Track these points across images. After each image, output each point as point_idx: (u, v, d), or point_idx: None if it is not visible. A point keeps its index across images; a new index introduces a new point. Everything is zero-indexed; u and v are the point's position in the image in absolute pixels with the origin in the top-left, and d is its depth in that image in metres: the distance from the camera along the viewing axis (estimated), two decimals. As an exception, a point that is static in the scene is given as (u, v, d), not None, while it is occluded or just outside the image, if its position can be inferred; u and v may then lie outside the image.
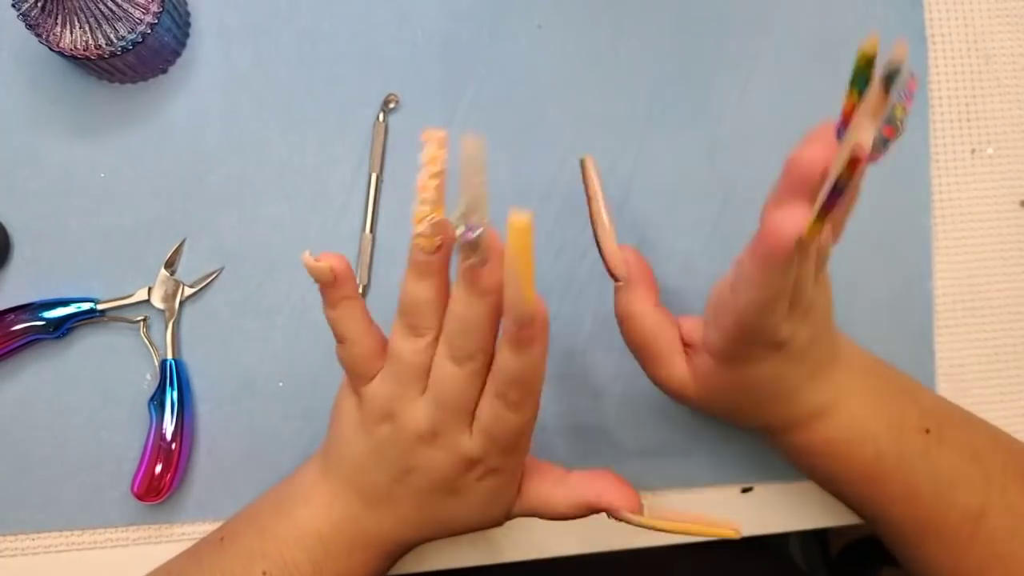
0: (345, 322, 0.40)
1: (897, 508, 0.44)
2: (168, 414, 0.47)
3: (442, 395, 0.38)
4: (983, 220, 0.54)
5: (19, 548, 0.48)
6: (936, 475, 0.42)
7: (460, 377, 0.38)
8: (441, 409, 0.39)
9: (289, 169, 0.50)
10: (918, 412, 0.44)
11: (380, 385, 0.40)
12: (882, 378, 0.45)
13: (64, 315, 0.47)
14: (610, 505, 0.41)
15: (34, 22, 0.44)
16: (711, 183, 0.53)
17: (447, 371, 0.38)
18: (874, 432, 0.43)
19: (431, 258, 0.37)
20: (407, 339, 0.39)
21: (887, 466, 0.43)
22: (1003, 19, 0.55)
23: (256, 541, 0.42)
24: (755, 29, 0.53)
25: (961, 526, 0.42)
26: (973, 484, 0.42)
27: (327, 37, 0.51)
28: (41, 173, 0.49)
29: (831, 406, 0.43)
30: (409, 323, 0.39)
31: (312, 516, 0.42)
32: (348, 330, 0.40)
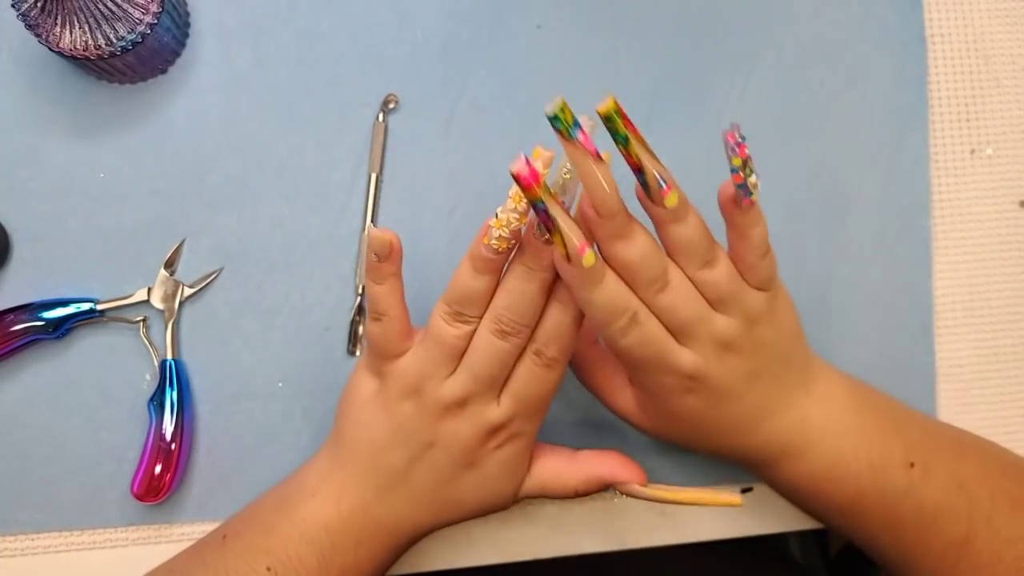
0: (388, 298, 0.42)
1: (882, 537, 0.44)
2: (168, 414, 0.47)
3: (480, 367, 0.41)
4: (982, 220, 0.54)
5: (19, 548, 0.48)
6: (920, 508, 0.43)
7: (504, 351, 0.41)
8: (476, 381, 0.41)
9: (289, 169, 0.50)
10: (903, 445, 0.44)
11: (412, 362, 0.42)
12: (864, 411, 0.45)
13: (64, 315, 0.47)
14: (620, 479, 0.44)
15: (34, 22, 0.44)
16: (711, 183, 0.52)
17: (491, 345, 0.41)
18: (855, 471, 0.43)
19: (497, 257, 0.39)
20: (451, 324, 0.41)
21: (869, 502, 0.43)
22: (1002, 19, 0.55)
23: (260, 537, 0.42)
24: (755, 29, 0.53)
25: (946, 553, 0.43)
26: (958, 514, 0.43)
27: (327, 37, 0.51)
28: (41, 173, 0.49)
29: (807, 444, 0.43)
30: (457, 310, 0.41)
31: (319, 510, 0.42)
32: (390, 306, 0.42)
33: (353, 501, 0.43)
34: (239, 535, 0.43)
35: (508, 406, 0.42)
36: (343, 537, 0.42)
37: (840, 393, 0.45)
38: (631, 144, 0.37)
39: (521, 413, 0.42)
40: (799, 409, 0.43)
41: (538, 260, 0.39)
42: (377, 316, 0.42)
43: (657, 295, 0.39)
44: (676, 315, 0.40)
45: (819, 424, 0.43)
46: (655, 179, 0.38)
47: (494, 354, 0.41)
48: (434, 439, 0.42)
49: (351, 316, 0.50)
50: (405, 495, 0.43)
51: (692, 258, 0.40)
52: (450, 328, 0.41)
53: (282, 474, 0.48)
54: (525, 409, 0.42)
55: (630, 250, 0.38)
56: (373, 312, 0.42)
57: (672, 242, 0.40)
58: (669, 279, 0.39)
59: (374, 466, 0.43)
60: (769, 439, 0.43)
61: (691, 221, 0.39)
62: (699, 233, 0.39)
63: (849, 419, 0.44)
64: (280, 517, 0.43)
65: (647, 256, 0.39)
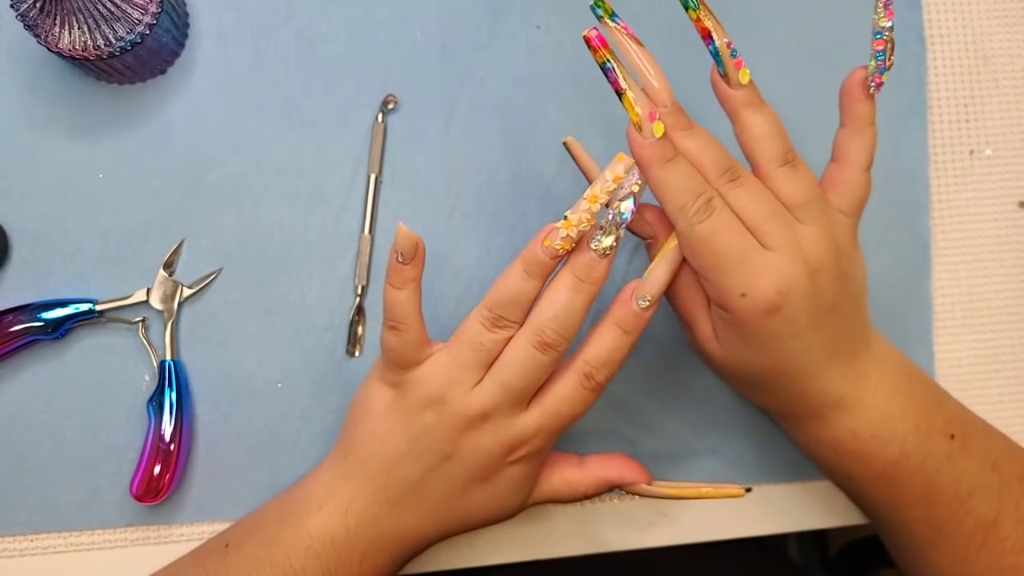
0: (407, 306, 0.40)
1: (914, 511, 0.43)
2: (167, 415, 0.47)
3: (513, 378, 0.40)
4: (982, 221, 0.54)
5: (17, 549, 0.48)
6: (957, 481, 0.42)
7: (541, 364, 0.40)
8: (505, 392, 0.40)
9: (288, 170, 0.50)
10: (945, 417, 0.43)
11: (437, 369, 0.41)
12: (913, 379, 0.44)
13: (62, 316, 0.47)
14: (628, 480, 0.45)
15: (33, 22, 0.44)
16: (710, 184, 0.53)
17: (529, 356, 0.40)
18: (902, 432, 0.42)
19: (552, 261, 0.39)
20: (489, 329, 0.40)
21: (910, 467, 0.42)
22: (1002, 20, 0.55)
23: (264, 550, 0.42)
24: (755, 29, 0.53)
25: (974, 534, 0.42)
26: (990, 493, 0.42)
27: (326, 38, 0.51)
28: (40, 174, 0.49)
29: (859, 400, 0.42)
30: (497, 315, 0.40)
31: (325, 524, 0.42)
32: (408, 314, 0.40)
33: (361, 514, 0.42)
34: (241, 545, 0.43)
35: (537, 421, 0.41)
36: (349, 551, 0.42)
37: (893, 355, 0.44)
38: (700, 9, 0.36)
39: (547, 430, 0.41)
40: (860, 362, 0.42)
41: (590, 273, 0.39)
42: (393, 325, 0.40)
43: (730, 185, 0.37)
44: (753, 210, 0.38)
45: (874, 381, 0.42)
46: (726, 48, 0.36)
47: (530, 366, 0.40)
48: (453, 451, 0.41)
49: (350, 316, 0.50)
50: (414, 507, 0.42)
51: (770, 151, 0.38)
52: (489, 333, 0.40)
53: (281, 475, 0.49)
54: (553, 427, 0.41)
55: (693, 141, 0.37)
56: (390, 320, 0.41)
57: (748, 132, 0.38)
58: (740, 172, 0.38)
59: (386, 478, 0.42)
60: (828, 387, 0.42)
61: (767, 111, 0.38)
62: (776, 125, 0.38)
63: (900, 380, 0.43)
64: (284, 530, 0.42)
65: (711, 147, 0.37)
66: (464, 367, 0.40)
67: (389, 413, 0.42)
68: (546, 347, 0.39)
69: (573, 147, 0.47)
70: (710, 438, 0.52)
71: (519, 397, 0.40)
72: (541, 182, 0.52)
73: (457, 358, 0.40)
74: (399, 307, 0.40)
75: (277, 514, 0.44)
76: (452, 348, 0.41)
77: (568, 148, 0.47)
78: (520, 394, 0.40)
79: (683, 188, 0.37)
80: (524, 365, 0.40)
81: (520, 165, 0.51)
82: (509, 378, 0.40)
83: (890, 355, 0.44)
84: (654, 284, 0.41)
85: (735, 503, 0.52)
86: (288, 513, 0.43)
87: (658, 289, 0.41)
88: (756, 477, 0.52)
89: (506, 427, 0.40)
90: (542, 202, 0.51)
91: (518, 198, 0.51)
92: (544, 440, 0.42)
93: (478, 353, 0.40)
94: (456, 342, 0.41)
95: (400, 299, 0.40)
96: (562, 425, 0.42)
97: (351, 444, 0.43)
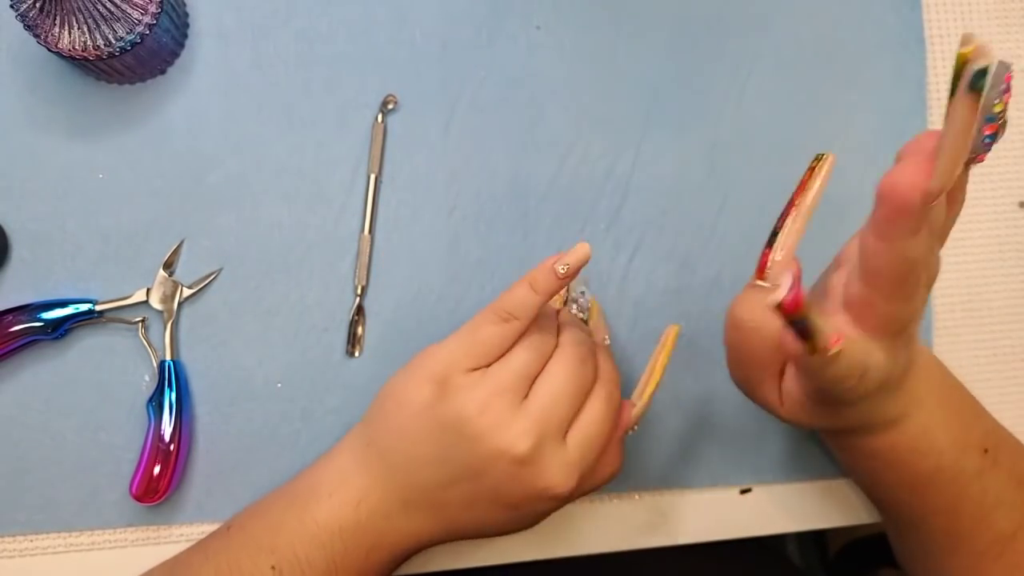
0: (534, 307, 0.40)
1: (936, 520, 0.43)
2: (166, 415, 0.47)
3: (589, 438, 0.41)
4: (982, 222, 0.54)
5: (17, 550, 0.48)
6: (983, 494, 0.42)
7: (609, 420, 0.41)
8: (582, 451, 0.40)
9: (288, 170, 0.50)
10: (981, 431, 0.43)
11: (489, 383, 0.40)
12: (954, 390, 0.44)
13: (62, 316, 0.47)
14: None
15: (32, 23, 0.44)
16: (711, 183, 0.53)
17: (596, 411, 0.41)
18: (940, 446, 0.42)
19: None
20: (536, 360, 0.41)
21: (943, 479, 0.42)
22: (1001, 20, 0.55)
23: (266, 534, 0.41)
24: (754, 29, 0.53)
25: (991, 546, 0.42)
26: (1013, 508, 0.42)
27: (326, 38, 0.51)
28: (39, 174, 0.49)
29: (906, 413, 0.41)
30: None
31: (335, 512, 0.41)
32: (529, 314, 0.40)
33: (375, 507, 0.41)
34: (244, 528, 0.42)
35: (576, 486, 0.40)
36: (356, 542, 0.41)
37: (936, 365, 0.43)
38: None
39: (583, 487, 0.41)
40: (909, 379, 0.41)
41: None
42: (508, 317, 0.40)
43: (914, 294, 0.35)
44: (899, 321, 0.36)
45: (920, 395, 0.41)
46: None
47: (602, 424, 0.41)
48: (485, 470, 0.39)
49: (350, 317, 0.50)
50: (430, 512, 0.41)
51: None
52: (536, 365, 0.41)
53: (281, 475, 0.48)
54: (586, 487, 0.42)
55: (919, 247, 0.33)
56: (504, 312, 0.40)
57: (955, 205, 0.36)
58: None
59: (407, 479, 0.41)
60: (878, 415, 0.41)
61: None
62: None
63: (944, 393, 0.43)
64: (289, 515, 0.41)
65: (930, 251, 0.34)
66: (513, 392, 0.40)
67: (424, 413, 0.40)
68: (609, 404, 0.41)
69: (825, 165, 0.41)
70: (710, 438, 0.52)
71: (558, 428, 0.40)
72: (541, 182, 0.52)
73: (505, 383, 0.40)
74: (526, 306, 0.40)
75: (285, 499, 0.43)
76: (499, 375, 0.40)
77: (820, 162, 0.41)
78: (559, 425, 0.40)
79: (848, 369, 0.35)
80: (597, 420, 0.41)
81: (520, 165, 0.51)
82: (587, 437, 0.41)
83: (934, 365, 0.43)
84: (638, 414, 0.44)
85: (734, 504, 0.52)
86: (297, 497, 0.42)
87: (643, 414, 0.44)
88: (755, 477, 0.52)
89: (549, 487, 0.40)
90: (541, 203, 0.51)
91: (518, 198, 0.51)
92: (578, 494, 0.41)
93: (525, 382, 0.40)
94: (508, 366, 0.40)
95: (532, 301, 0.40)
96: (599, 450, 0.41)
97: (375, 434, 0.42)
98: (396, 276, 0.50)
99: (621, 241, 0.52)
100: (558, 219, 0.51)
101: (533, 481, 0.39)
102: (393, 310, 0.50)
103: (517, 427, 0.39)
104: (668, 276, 0.52)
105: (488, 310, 0.41)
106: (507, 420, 0.39)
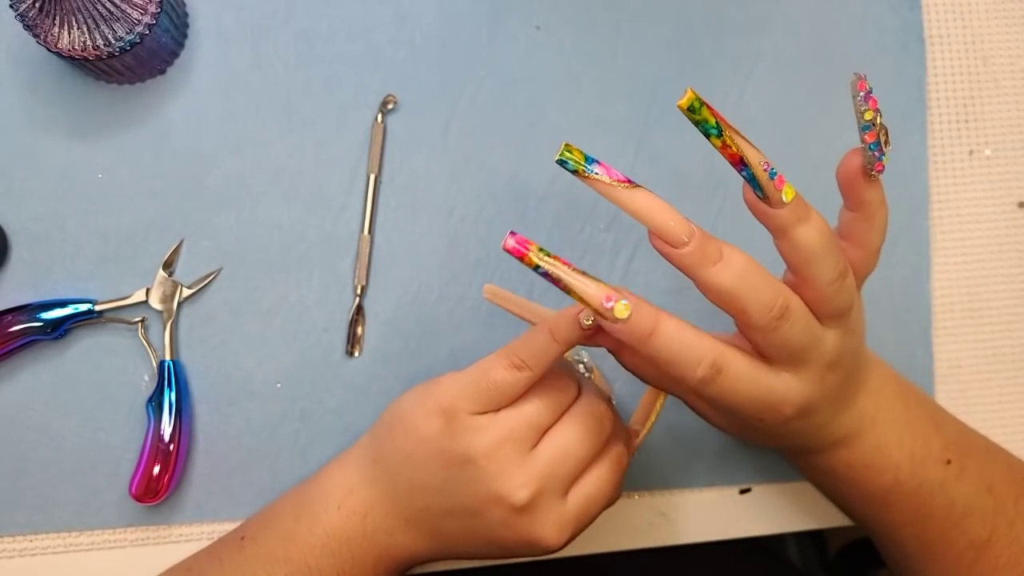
0: (550, 357, 0.38)
1: (906, 530, 0.44)
2: (166, 415, 0.47)
3: (591, 498, 0.41)
4: (981, 222, 0.54)
5: (16, 550, 0.48)
6: (950, 504, 0.42)
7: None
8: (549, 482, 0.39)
9: (287, 170, 0.50)
10: (942, 442, 0.43)
11: (496, 428, 0.39)
12: (910, 404, 0.44)
13: (62, 316, 0.47)
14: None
15: (32, 23, 0.44)
16: (711, 183, 0.53)
17: (602, 476, 0.41)
18: (896, 461, 0.42)
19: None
20: (553, 412, 0.40)
21: (904, 492, 0.42)
22: (1001, 20, 0.55)
23: (279, 545, 0.42)
24: (754, 29, 0.53)
25: (966, 552, 0.42)
26: (984, 515, 0.42)
27: (325, 38, 0.51)
28: (39, 174, 0.49)
29: (859, 433, 0.41)
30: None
31: (343, 523, 0.41)
32: (544, 364, 0.38)
33: (379, 523, 0.42)
34: (257, 539, 0.43)
35: (566, 538, 0.40)
36: (364, 553, 0.41)
37: (889, 384, 0.43)
38: (726, 133, 0.31)
39: (571, 539, 0.41)
40: (858, 400, 0.41)
41: None
42: (520, 365, 0.38)
43: (775, 326, 0.33)
44: (789, 346, 0.34)
45: (871, 414, 0.41)
46: (763, 169, 0.32)
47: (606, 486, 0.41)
48: (482, 512, 0.39)
49: (350, 317, 0.50)
50: (429, 535, 0.42)
51: (823, 267, 0.33)
52: (550, 415, 0.40)
53: (281, 475, 0.48)
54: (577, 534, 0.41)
55: (726, 274, 0.33)
56: (517, 359, 0.38)
57: (800, 252, 0.33)
58: (788, 302, 0.33)
59: (409, 501, 0.41)
60: (832, 431, 0.41)
61: (815, 220, 0.33)
62: (828, 235, 0.33)
63: (897, 410, 0.43)
64: (300, 526, 0.42)
65: (749, 276, 0.33)
66: (520, 441, 0.39)
67: (431, 444, 0.40)
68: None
69: (495, 296, 0.43)
70: (709, 438, 0.52)
71: (561, 484, 0.39)
72: (541, 182, 0.51)
73: (514, 431, 0.39)
74: (542, 356, 0.38)
75: (294, 508, 0.43)
76: (510, 422, 0.39)
77: (491, 299, 0.43)
78: (563, 481, 0.39)
79: (684, 355, 0.34)
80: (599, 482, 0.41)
81: (520, 165, 0.51)
82: (590, 498, 0.40)
83: (886, 383, 0.43)
84: (639, 444, 0.44)
85: (733, 504, 0.52)
86: (306, 508, 0.43)
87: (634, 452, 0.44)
88: (755, 478, 0.52)
89: (541, 537, 0.39)
90: (541, 203, 0.51)
91: (518, 198, 0.51)
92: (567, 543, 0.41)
93: (535, 432, 0.39)
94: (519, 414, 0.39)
95: (549, 352, 0.38)
96: (598, 511, 0.41)
97: (382, 453, 0.42)
98: (396, 276, 0.50)
99: (621, 241, 0.52)
100: (558, 219, 0.51)
101: (526, 531, 0.39)
102: (393, 310, 0.50)
103: (520, 477, 0.38)
104: (668, 276, 0.52)
105: (502, 354, 0.39)
106: (511, 468, 0.38)
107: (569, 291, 0.33)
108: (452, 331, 0.51)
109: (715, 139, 0.31)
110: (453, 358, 0.50)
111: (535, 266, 0.33)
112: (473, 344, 0.51)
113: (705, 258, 0.33)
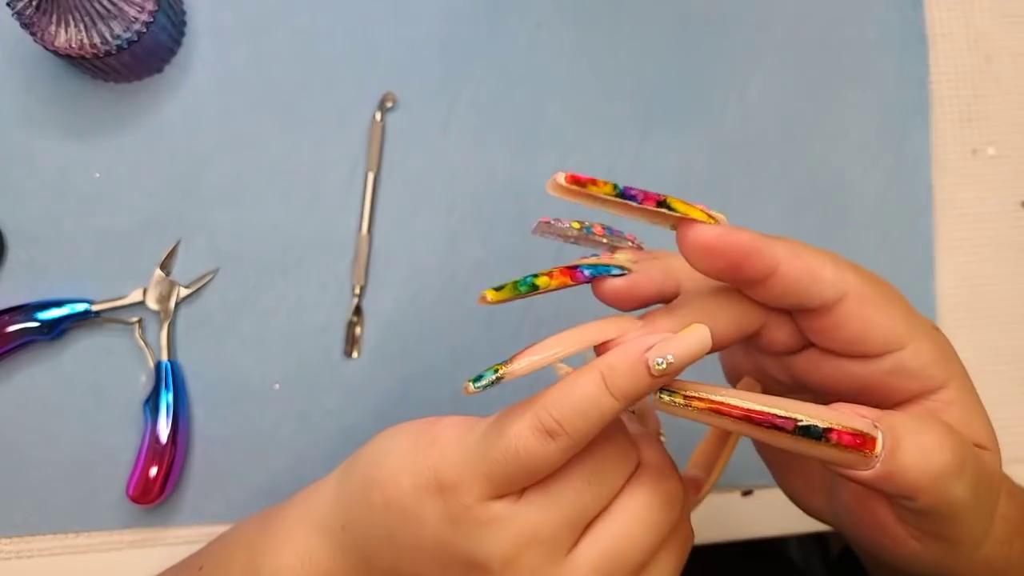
0: (600, 423, 0.27)
1: None
2: (163, 416, 0.47)
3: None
4: (984, 221, 0.54)
5: (13, 551, 0.48)
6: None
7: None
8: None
9: (285, 169, 0.50)
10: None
11: (519, 530, 0.28)
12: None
13: (58, 316, 0.47)
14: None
15: (28, 21, 0.43)
16: (711, 183, 0.52)
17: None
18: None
19: None
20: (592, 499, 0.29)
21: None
22: (1004, 19, 0.55)
23: None
24: (755, 28, 0.53)
25: None
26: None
27: (324, 36, 0.50)
28: (35, 173, 0.48)
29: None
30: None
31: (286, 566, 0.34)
32: (590, 432, 0.27)
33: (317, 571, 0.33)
34: (216, 573, 0.37)
35: None
36: None
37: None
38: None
39: None
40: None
41: None
42: (556, 430, 0.27)
43: None
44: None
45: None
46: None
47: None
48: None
49: (348, 317, 0.49)
50: None
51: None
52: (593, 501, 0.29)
53: (279, 476, 0.48)
54: None
55: None
56: (550, 419, 0.27)
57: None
58: None
59: (369, 559, 0.32)
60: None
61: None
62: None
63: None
64: (255, 557, 0.35)
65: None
66: (554, 542, 0.28)
67: (423, 530, 0.29)
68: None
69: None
70: (711, 440, 0.51)
71: None
72: (540, 182, 0.51)
73: (545, 528, 0.28)
74: (587, 416, 0.27)
75: (248, 554, 0.36)
76: (540, 515, 0.28)
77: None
78: None
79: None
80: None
81: (520, 165, 0.51)
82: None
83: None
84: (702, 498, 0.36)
85: (736, 506, 0.52)
86: (255, 564, 0.35)
87: None
88: (756, 479, 0.52)
89: None
90: (542, 202, 0.51)
91: (518, 198, 0.51)
92: None
93: (573, 530, 0.29)
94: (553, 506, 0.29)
95: (600, 412, 0.27)
96: None
97: (354, 521, 0.32)
98: (394, 276, 0.50)
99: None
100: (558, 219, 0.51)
101: None
102: (391, 310, 0.50)
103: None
104: (668, 276, 0.52)
105: (527, 410, 0.27)
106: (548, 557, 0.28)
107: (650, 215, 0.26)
108: (452, 331, 0.50)
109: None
110: (453, 359, 0.50)
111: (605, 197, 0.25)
112: (473, 344, 0.50)
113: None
